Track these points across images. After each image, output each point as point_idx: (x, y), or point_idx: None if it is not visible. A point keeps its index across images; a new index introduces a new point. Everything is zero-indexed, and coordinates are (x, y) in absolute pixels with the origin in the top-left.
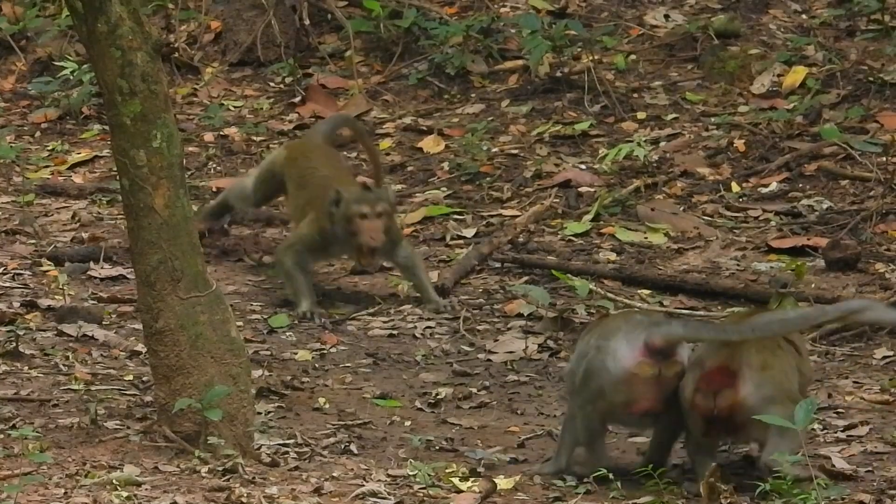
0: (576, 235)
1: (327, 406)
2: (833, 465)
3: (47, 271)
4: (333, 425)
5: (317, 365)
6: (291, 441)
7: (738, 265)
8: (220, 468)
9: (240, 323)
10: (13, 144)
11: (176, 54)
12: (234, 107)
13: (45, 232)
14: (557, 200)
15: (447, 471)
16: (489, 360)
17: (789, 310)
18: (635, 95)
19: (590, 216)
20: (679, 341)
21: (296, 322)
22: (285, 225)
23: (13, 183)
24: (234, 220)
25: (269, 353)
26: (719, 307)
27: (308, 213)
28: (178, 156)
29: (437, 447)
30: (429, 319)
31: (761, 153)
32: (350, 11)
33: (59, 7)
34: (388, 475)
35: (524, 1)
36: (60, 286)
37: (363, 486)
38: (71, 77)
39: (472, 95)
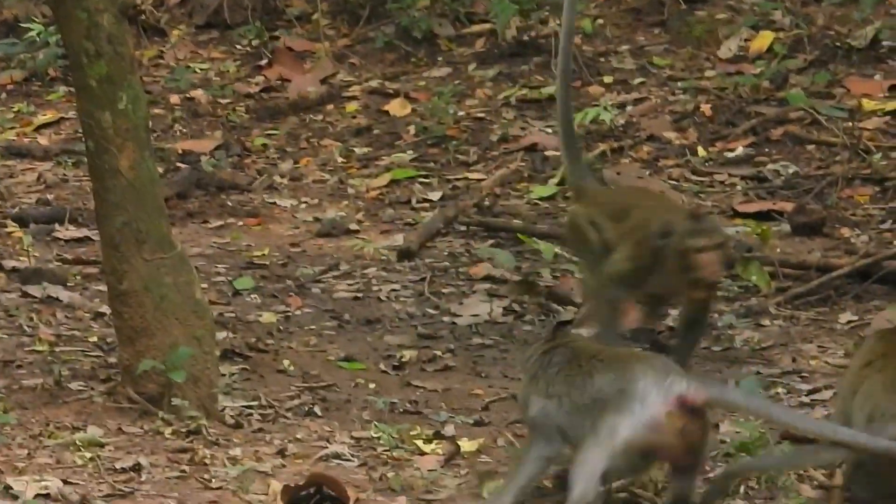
0: (541, 199)
1: (291, 368)
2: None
3: (12, 232)
4: (297, 387)
5: (281, 327)
6: (255, 403)
7: None
8: (184, 430)
9: (204, 285)
10: None
11: (142, 17)
12: (201, 69)
13: (10, 193)
14: (523, 164)
15: (411, 433)
16: (454, 323)
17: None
18: (602, 60)
19: (556, 180)
20: (724, 407)
21: None
22: (248, 191)
23: None
24: (200, 185)
25: (233, 315)
26: None
27: (623, 245)
28: (143, 118)
29: (401, 409)
30: (394, 282)
31: (727, 118)
32: None
33: None
34: (352, 437)
35: None
36: (25, 247)
37: (327, 447)
38: (37, 39)
39: (439, 59)
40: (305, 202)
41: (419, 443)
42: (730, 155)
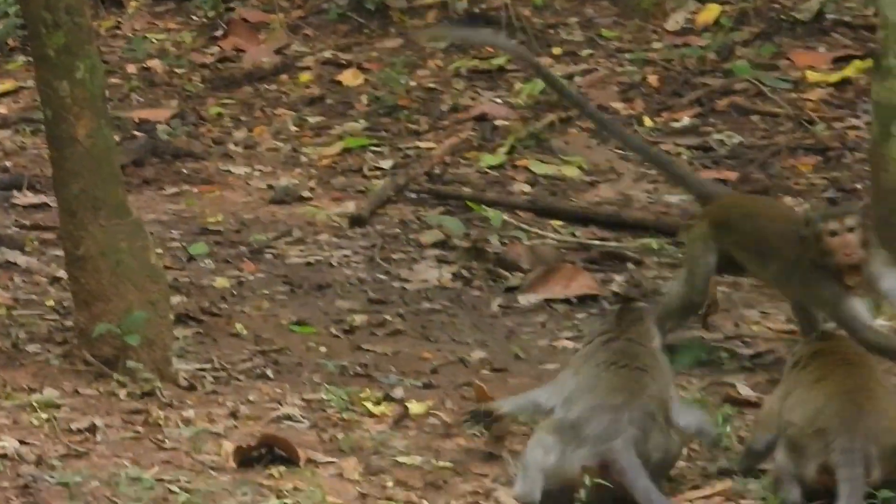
0: (490, 167)
1: (244, 332)
2: (738, 393)
3: None
4: (250, 351)
5: (234, 292)
6: (208, 366)
7: (649, 198)
8: (139, 392)
9: (159, 250)
10: None
11: None
12: (157, 40)
13: None
14: (473, 133)
15: (360, 395)
16: (404, 288)
17: None
18: (551, 31)
19: (504, 149)
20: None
21: None
22: (203, 159)
23: None
24: (156, 153)
25: (187, 280)
26: (631, 238)
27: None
28: (100, 87)
29: (351, 373)
30: (345, 248)
31: (674, 89)
32: None
33: None
34: (303, 399)
35: None
36: None
37: (278, 409)
38: None
39: (391, 30)
40: (259, 170)
41: (368, 405)
42: (676, 125)
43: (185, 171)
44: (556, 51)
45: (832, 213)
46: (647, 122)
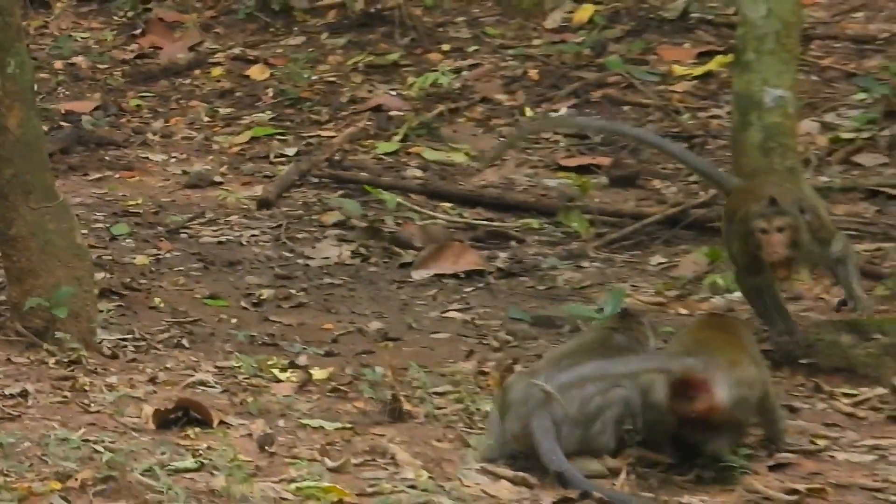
0: (386, 154)
1: (162, 305)
2: None
3: None
4: (167, 322)
5: (153, 269)
6: (130, 336)
7: (530, 181)
8: (66, 360)
9: (84, 231)
10: None
11: None
12: (81, 38)
13: None
14: (370, 123)
15: (268, 363)
16: (307, 264)
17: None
18: (441, 30)
19: (399, 137)
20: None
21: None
22: (123, 147)
23: None
24: (81, 142)
25: (110, 257)
26: (513, 218)
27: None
28: (30, 81)
29: (260, 342)
30: (254, 229)
31: (552, 82)
32: None
33: None
34: (216, 366)
35: None
36: None
37: (193, 375)
38: None
39: (295, 29)
40: (175, 157)
41: (275, 371)
42: (554, 115)
43: (107, 158)
44: (445, 47)
45: (764, 213)
46: (529, 112)
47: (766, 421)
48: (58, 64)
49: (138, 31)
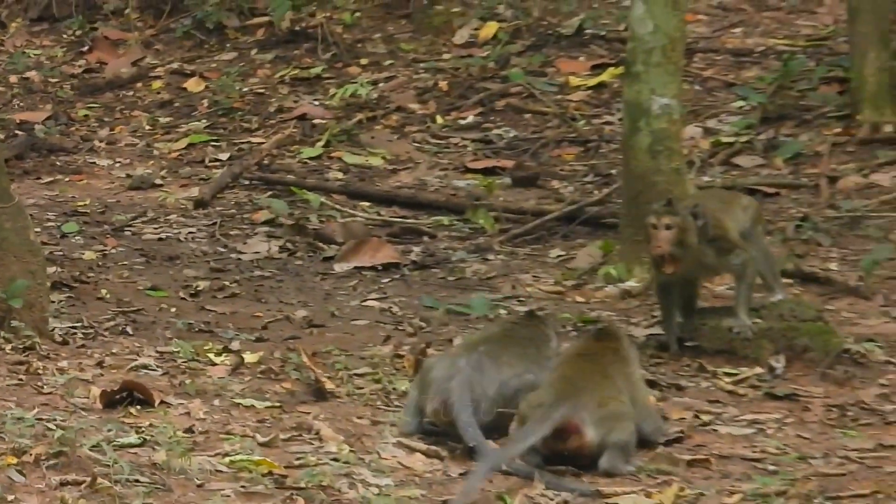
0: (310, 158)
1: (108, 296)
2: None
3: None
4: (113, 311)
5: (100, 263)
6: (79, 324)
7: (441, 182)
8: (21, 346)
9: (38, 229)
10: None
11: None
12: (34, 54)
13: None
14: (295, 130)
15: (205, 348)
16: (239, 258)
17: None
18: (359, 45)
19: (321, 143)
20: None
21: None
22: (73, 153)
23: None
24: (34, 148)
25: (61, 253)
26: (426, 216)
27: None
28: None
29: (197, 329)
30: (191, 226)
31: (461, 92)
32: None
33: None
34: (157, 351)
35: None
36: None
37: (137, 360)
38: None
39: (227, 45)
40: (119, 162)
41: (211, 356)
42: (462, 122)
43: (58, 163)
44: (364, 61)
45: (657, 210)
46: (439, 119)
47: (645, 429)
48: (13, 78)
49: (86, 48)
